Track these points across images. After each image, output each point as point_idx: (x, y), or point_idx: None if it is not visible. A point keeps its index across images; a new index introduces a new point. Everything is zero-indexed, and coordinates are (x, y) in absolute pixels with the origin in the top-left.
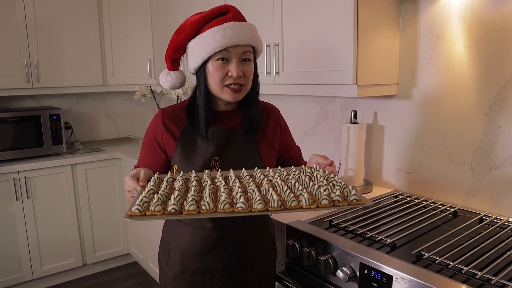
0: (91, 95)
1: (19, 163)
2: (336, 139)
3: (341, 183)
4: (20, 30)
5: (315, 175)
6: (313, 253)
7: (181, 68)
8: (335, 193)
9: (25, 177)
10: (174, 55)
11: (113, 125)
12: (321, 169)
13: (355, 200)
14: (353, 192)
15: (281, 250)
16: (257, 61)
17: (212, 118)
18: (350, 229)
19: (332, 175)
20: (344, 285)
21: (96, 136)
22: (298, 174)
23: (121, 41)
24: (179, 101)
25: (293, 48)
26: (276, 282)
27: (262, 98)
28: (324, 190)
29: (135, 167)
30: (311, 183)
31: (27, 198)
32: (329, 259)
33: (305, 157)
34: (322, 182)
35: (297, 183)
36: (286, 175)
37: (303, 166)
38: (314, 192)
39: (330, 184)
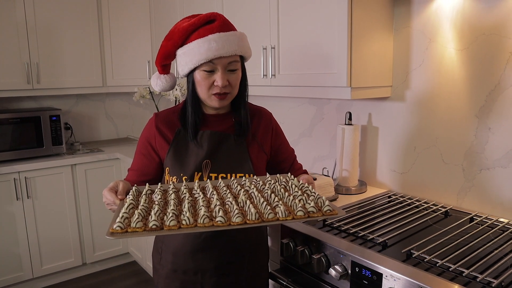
0: (90, 96)
1: (20, 164)
2: (332, 140)
3: (315, 193)
4: (20, 32)
5: (290, 184)
6: (306, 251)
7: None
8: (309, 204)
9: (25, 177)
10: (164, 61)
11: (113, 125)
12: (295, 179)
13: (328, 211)
14: (327, 203)
15: (276, 249)
16: (254, 63)
17: (203, 121)
18: (343, 228)
19: (306, 184)
20: (336, 282)
21: (96, 137)
22: (273, 184)
23: (120, 43)
24: (177, 103)
25: (288, 51)
26: (271, 280)
27: (258, 100)
28: (299, 201)
29: (129, 170)
30: (287, 193)
31: (28, 198)
32: (322, 257)
33: (302, 157)
34: (297, 192)
35: (273, 194)
36: (262, 185)
37: (278, 175)
38: (289, 203)
39: (305, 194)
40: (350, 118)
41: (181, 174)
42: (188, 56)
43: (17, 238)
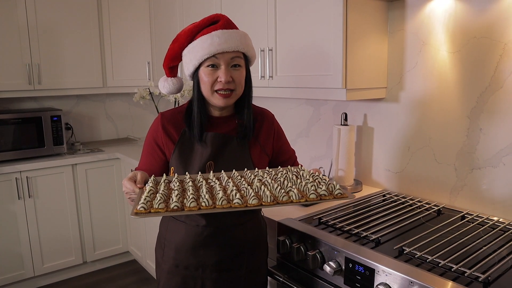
0: (91, 96)
1: (21, 163)
2: (328, 141)
3: (326, 180)
4: (22, 33)
5: (301, 173)
6: (302, 248)
7: (179, 74)
8: (321, 188)
9: (27, 176)
10: (171, 63)
11: (113, 126)
12: (306, 169)
13: (339, 194)
14: (338, 186)
15: (272, 246)
16: (252, 64)
17: (208, 123)
18: (338, 226)
19: (317, 173)
20: (331, 278)
21: (96, 137)
22: (285, 173)
23: (120, 44)
24: (177, 104)
25: (286, 53)
26: (267, 277)
27: (257, 101)
28: (311, 186)
29: (136, 169)
30: (299, 180)
31: (29, 197)
32: (316, 254)
33: (300, 157)
34: (308, 179)
35: (285, 181)
36: (274, 175)
37: (289, 166)
38: (302, 188)
39: (316, 181)
40: (345, 119)
41: (186, 174)
42: (192, 54)
43: (19, 237)
